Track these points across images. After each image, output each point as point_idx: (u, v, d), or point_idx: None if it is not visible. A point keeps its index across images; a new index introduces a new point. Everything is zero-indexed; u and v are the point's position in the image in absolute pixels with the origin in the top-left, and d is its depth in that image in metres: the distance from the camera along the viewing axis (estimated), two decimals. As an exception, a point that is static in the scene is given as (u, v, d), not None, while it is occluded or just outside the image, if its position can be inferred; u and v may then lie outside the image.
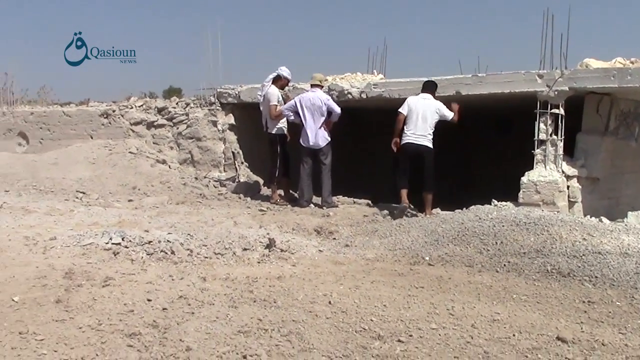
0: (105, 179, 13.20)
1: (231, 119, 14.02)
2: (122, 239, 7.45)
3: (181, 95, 19.05)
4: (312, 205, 11.28)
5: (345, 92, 12.48)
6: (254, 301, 5.74)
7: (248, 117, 13.92)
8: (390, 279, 6.63)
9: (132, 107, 14.94)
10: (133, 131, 14.76)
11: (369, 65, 15.94)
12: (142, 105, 14.99)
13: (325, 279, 6.54)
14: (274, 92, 11.60)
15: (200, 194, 12.40)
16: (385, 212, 10.53)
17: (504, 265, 7.14)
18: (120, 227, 8.51)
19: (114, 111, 14.93)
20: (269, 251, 7.54)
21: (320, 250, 7.84)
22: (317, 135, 11.25)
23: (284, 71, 11.85)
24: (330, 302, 5.72)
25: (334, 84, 12.69)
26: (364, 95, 12.33)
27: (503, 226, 8.12)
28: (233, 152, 13.63)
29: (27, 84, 29.87)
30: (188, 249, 7.38)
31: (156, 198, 11.56)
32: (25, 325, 4.90)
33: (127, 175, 13.30)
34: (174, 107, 14.58)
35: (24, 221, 8.78)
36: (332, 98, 11.92)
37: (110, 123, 14.94)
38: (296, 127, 11.56)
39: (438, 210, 10.53)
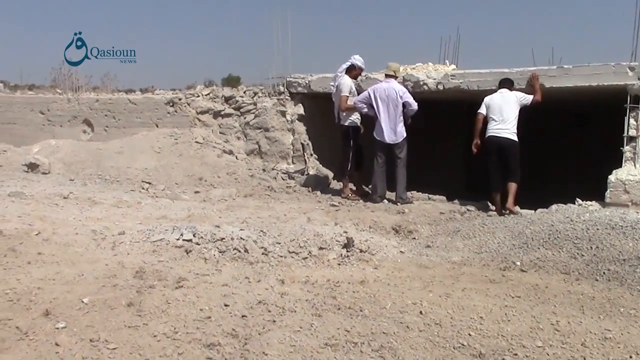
0: (171, 169, 12.91)
1: (300, 109, 13.56)
2: (194, 235, 7.09)
3: (240, 83, 18.76)
4: (385, 201, 10.80)
5: (421, 82, 11.90)
6: (338, 309, 5.31)
7: (318, 107, 13.46)
8: (482, 286, 6.12)
9: (198, 96, 14.58)
10: (199, 120, 14.41)
11: (441, 55, 15.42)
12: (208, 94, 14.61)
13: (411, 285, 6.07)
14: (346, 83, 11.14)
15: (268, 187, 12.02)
16: (463, 209, 10.01)
17: (604, 273, 6.55)
18: (189, 222, 8.17)
19: (180, 99, 14.60)
20: (347, 251, 7.09)
21: (401, 252, 7.36)
22: (393, 130, 10.73)
23: (358, 60, 11.38)
24: (421, 312, 5.25)
25: (408, 75, 12.13)
26: (440, 87, 11.74)
27: (597, 229, 7.51)
28: (302, 144, 13.16)
29: (90, 70, 29.86)
30: (262, 247, 6.99)
31: (224, 190, 11.22)
32: (96, 331, 4.56)
33: (193, 166, 12.98)
34: (242, 96, 14.16)
35: (91, 213, 8.49)
36: (407, 89, 11.37)
37: (176, 111, 14.62)
38: (370, 119, 11.06)
39: (517, 208, 9.93)
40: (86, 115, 15.91)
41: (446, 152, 17.65)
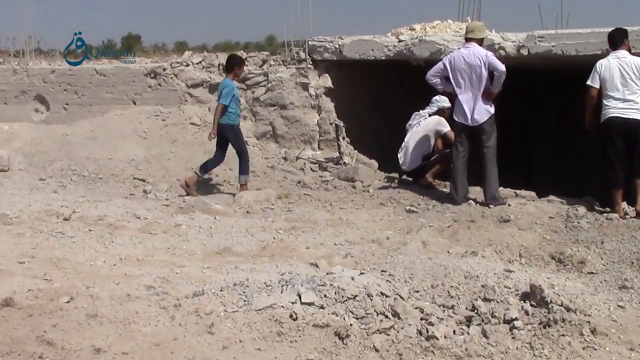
0: (166, 160, 10.19)
1: (328, 81, 10.86)
2: (315, 294, 4.57)
3: (167, 49, 16.23)
4: (472, 202, 8.39)
5: (496, 46, 9.35)
6: None
7: (349, 78, 11.07)
8: None
9: (188, 65, 11.69)
10: (191, 95, 11.57)
11: (461, 12, 13.76)
12: (200, 62, 11.80)
13: None
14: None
15: (299, 182, 9.47)
16: (580, 212, 7.74)
17: None
18: (271, 259, 5.68)
19: (164, 69, 11.73)
20: (532, 305, 4.66)
21: (619, 306, 4.91)
22: (476, 108, 8.34)
23: (445, 102, 9.59)
24: None
25: (475, 37, 9.70)
26: (524, 52, 9.27)
27: None
28: (337, 125, 10.35)
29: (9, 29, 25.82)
30: (417, 308, 4.56)
31: (257, 193, 8.59)
32: None
33: (195, 155, 10.21)
34: (246, 65, 11.40)
35: (121, 248, 5.84)
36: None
37: (159, 85, 11.75)
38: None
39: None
40: (39, 90, 12.76)
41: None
